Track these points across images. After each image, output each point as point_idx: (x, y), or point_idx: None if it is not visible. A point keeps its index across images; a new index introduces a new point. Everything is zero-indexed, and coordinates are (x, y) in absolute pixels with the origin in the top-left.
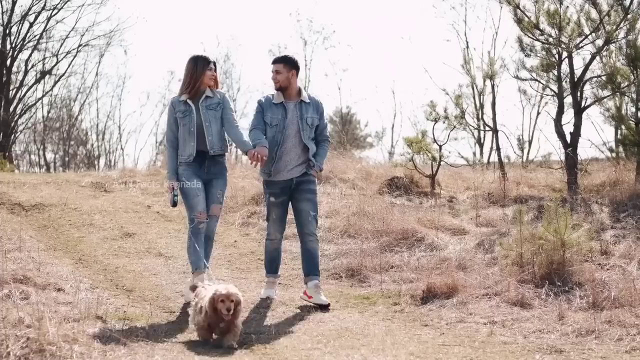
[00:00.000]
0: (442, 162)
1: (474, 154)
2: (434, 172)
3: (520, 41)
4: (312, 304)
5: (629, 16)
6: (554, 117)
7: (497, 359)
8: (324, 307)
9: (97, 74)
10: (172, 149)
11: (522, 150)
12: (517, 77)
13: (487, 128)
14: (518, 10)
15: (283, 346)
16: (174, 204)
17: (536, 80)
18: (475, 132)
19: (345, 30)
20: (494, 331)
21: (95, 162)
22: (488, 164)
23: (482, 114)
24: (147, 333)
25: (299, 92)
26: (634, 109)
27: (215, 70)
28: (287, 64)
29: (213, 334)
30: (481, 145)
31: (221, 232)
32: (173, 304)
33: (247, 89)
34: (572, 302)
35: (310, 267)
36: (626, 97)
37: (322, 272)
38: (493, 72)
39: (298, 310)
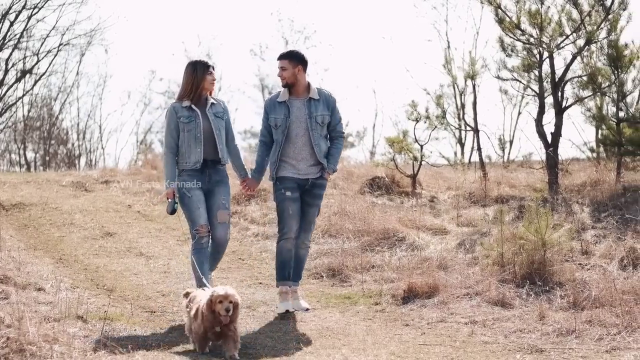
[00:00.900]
0: (423, 162)
1: (455, 153)
2: (415, 172)
3: (501, 41)
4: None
5: (609, 16)
6: (535, 117)
7: (478, 359)
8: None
9: (77, 73)
10: (171, 155)
11: (503, 150)
12: (498, 77)
13: (468, 128)
14: (499, 10)
15: (264, 346)
16: (173, 212)
17: (517, 80)
18: (457, 132)
19: (326, 29)
20: (474, 331)
21: (76, 162)
22: (469, 163)
23: (463, 113)
24: (127, 333)
25: (308, 88)
26: (614, 109)
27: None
28: (293, 60)
29: (209, 344)
30: (462, 145)
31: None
32: (154, 304)
33: (228, 88)
34: (552, 301)
35: (294, 274)
36: (607, 97)
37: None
38: (474, 72)
39: (279, 311)
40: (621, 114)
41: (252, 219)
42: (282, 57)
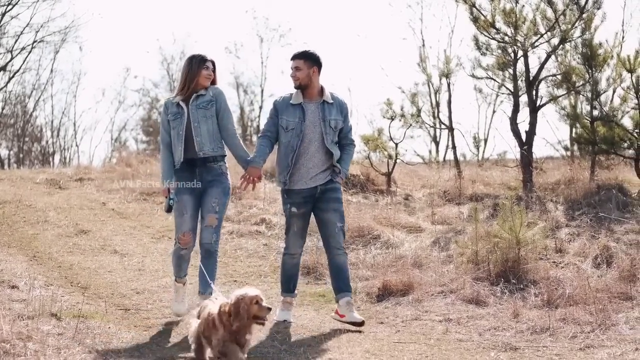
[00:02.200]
0: (398, 160)
1: (430, 152)
2: (390, 170)
3: (476, 40)
4: (346, 323)
5: (584, 15)
6: (510, 115)
7: (452, 357)
8: (358, 325)
9: (52, 71)
10: (167, 151)
11: (478, 149)
12: (473, 76)
13: (443, 126)
14: (474, 8)
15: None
16: (169, 209)
17: (492, 78)
18: (431, 130)
19: (301, 27)
20: (449, 329)
21: (50, 159)
22: (444, 162)
23: (438, 112)
24: (102, 330)
25: (321, 91)
26: (588, 108)
27: (213, 70)
28: (308, 60)
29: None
30: (437, 143)
31: None
32: (128, 301)
33: None
34: (527, 299)
35: (340, 283)
36: (581, 96)
37: (278, 269)
38: (449, 70)
39: None
40: (595, 112)
41: (226, 216)
42: (296, 57)
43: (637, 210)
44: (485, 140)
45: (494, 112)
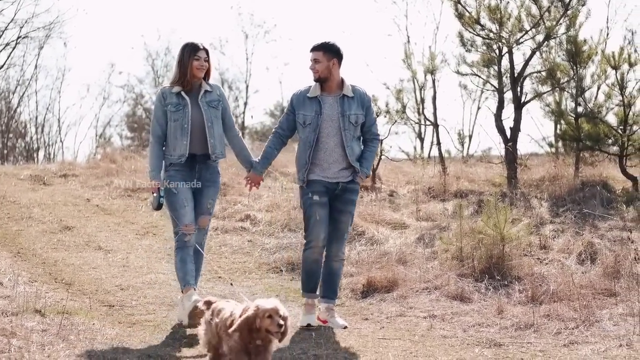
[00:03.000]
0: (382, 157)
1: (415, 148)
2: (375, 166)
3: (461, 36)
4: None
5: (568, 12)
6: (494, 112)
7: (437, 353)
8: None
9: (36, 67)
10: (157, 145)
11: (463, 145)
12: (457, 72)
13: (427, 122)
14: (459, 5)
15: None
16: (159, 207)
17: (477, 75)
18: (416, 127)
19: (286, 24)
20: (433, 325)
21: (35, 155)
22: (429, 158)
23: (423, 108)
24: (86, 327)
25: (341, 84)
26: (573, 104)
27: (207, 59)
28: (327, 52)
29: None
30: (422, 140)
31: (161, 225)
32: (112, 298)
33: None
34: (511, 296)
35: (327, 289)
36: (566, 93)
37: (263, 265)
38: (434, 66)
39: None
40: (580, 109)
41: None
42: (315, 49)
43: (621, 207)
44: (470, 137)
45: (478, 108)
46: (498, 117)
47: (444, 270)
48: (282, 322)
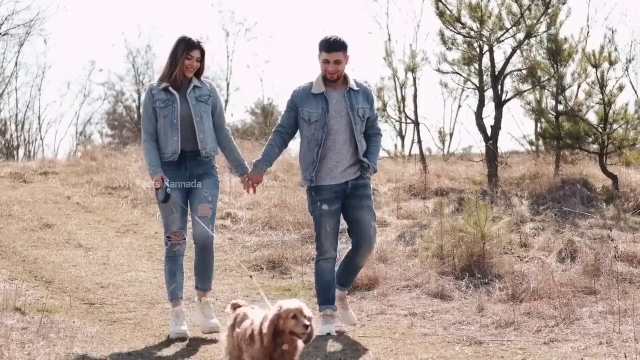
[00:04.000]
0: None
1: (396, 146)
2: None
3: (442, 34)
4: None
5: (549, 10)
6: (475, 110)
7: (417, 351)
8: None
9: (16, 64)
10: (152, 142)
11: (443, 143)
12: (438, 70)
13: (408, 120)
14: (440, 3)
15: (202, 338)
16: (166, 199)
17: (457, 73)
18: (397, 125)
19: (267, 21)
20: (414, 323)
21: (14, 153)
22: (409, 156)
23: (404, 106)
24: (66, 325)
25: (345, 78)
26: (553, 103)
27: (200, 59)
28: (345, 50)
29: None
30: (402, 138)
31: (142, 223)
32: (93, 296)
33: None
34: (491, 294)
35: (346, 279)
36: (546, 91)
37: (244, 263)
38: (415, 65)
39: (218, 302)
40: (560, 107)
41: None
42: (335, 49)
43: (601, 205)
44: (451, 135)
45: (459, 106)
46: (479, 115)
47: (424, 268)
48: (307, 322)
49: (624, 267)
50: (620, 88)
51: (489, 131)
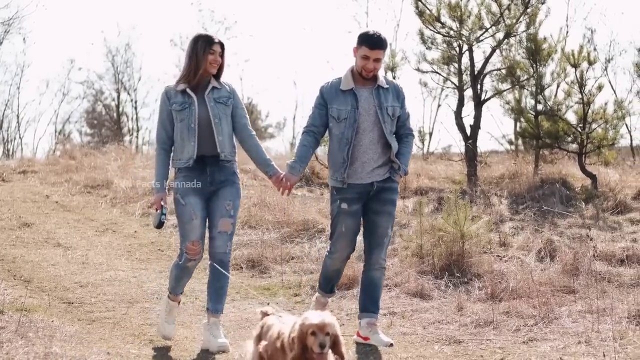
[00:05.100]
0: None
1: None
2: None
3: (421, 34)
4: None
5: (528, 10)
6: (455, 109)
7: (397, 350)
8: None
9: None
10: (162, 151)
11: (423, 142)
12: (418, 70)
13: None
14: (419, 2)
15: (183, 337)
16: (160, 225)
17: (437, 72)
18: None
19: (247, 20)
20: (393, 322)
21: None
22: None
23: None
24: (45, 324)
25: (375, 75)
26: (533, 102)
27: (221, 54)
28: (386, 49)
29: None
30: None
31: (121, 222)
32: (71, 295)
33: (148, 78)
34: (471, 293)
35: (367, 301)
36: (525, 90)
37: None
38: (394, 64)
39: (198, 302)
40: (539, 106)
41: (171, 209)
42: (378, 46)
43: (580, 204)
44: (430, 134)
45: (439, 106)
46: (458, 114)
47: (404, 267)
48: (325, 342)
49: (602, 266)
50: (600, 88)
51: (468, 130)
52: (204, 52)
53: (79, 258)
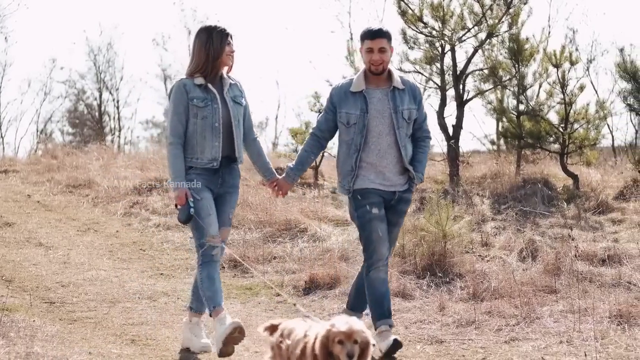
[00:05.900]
0: (325, 154)
1: None
2: (318, 163)
3: (404, 33)
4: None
5: (510, 10)
6: (437, 109)
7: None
8: (396, 347)
9: None
10: (179, 147)
11: None
12: (400, 69)
13: None
14: (402, 2)
15: (165, 337)
16: (188, 219)
17: (419, 72)
18: None
19: (229, 20)
20: None
21: None
22: None
23: None
24: (26, 324)
25: (389, 75)
26: (515, 102)
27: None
28: (390, 39)
29: None
30: None
31: (103, 221)
32: (53, 295)
33: (130, 78)
34: (452, 293)
35: (378, 309)
36: (508, 90)
37: None
38: None
39: (180, 301)
40: (521, 107)
41: (153, 209)
42: (379, 35)
43: (562, 204)
44: None
45: None
46: (440, 114)
47: None
48: (353, 351)
49: (584, 266)
50: (581, 88)
51: (450, 130)
52: (221, 43)
53: (60, 258)
